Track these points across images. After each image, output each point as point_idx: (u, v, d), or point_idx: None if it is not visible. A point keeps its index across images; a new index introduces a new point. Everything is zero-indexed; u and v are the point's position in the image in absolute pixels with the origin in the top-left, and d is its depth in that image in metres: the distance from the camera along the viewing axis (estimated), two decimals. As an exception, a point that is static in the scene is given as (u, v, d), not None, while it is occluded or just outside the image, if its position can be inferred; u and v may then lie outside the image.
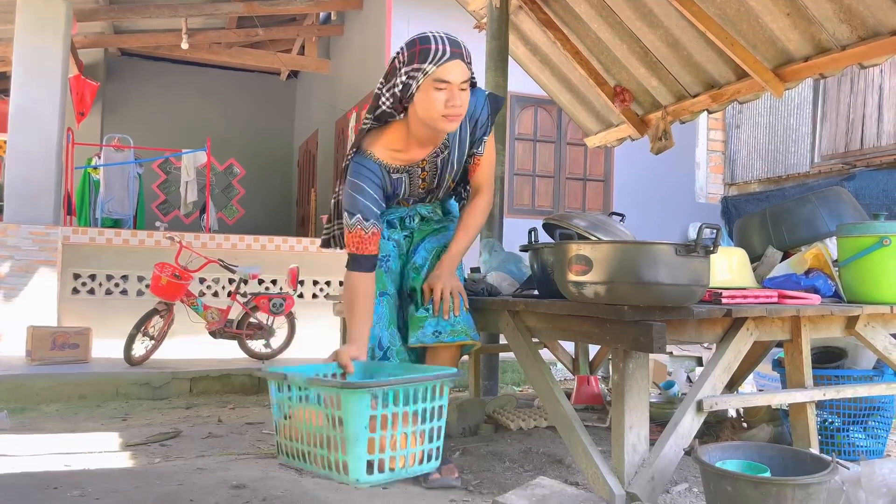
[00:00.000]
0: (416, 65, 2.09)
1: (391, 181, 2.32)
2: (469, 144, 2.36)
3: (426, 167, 2.35)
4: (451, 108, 2.12)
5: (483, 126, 2.34)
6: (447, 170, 2.38)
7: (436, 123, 2.15)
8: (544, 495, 1.45)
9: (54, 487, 2.23)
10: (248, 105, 12.04)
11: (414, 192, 2.42)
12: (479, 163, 2.40)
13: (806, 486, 1.57)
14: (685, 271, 1.78)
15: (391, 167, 2.30)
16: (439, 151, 2.33)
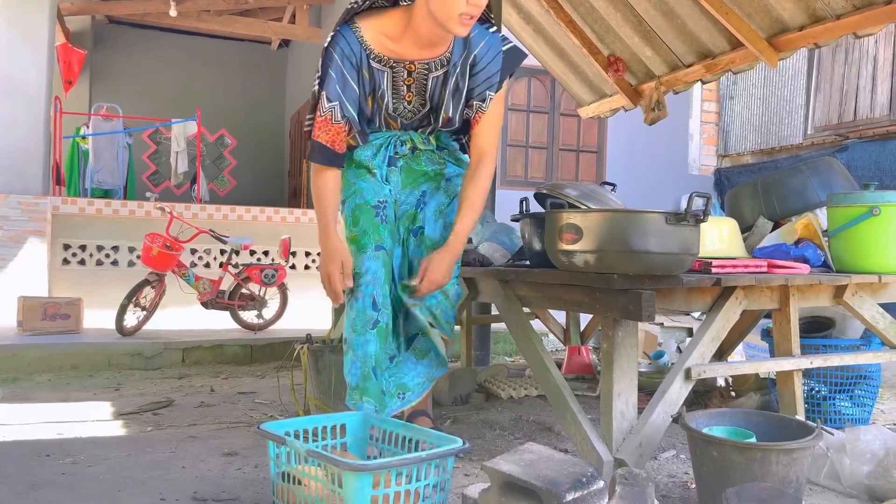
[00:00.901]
0: None
1: (371, 70, 2.04)
2: (466, 87, 2.09)
3: (414, 74, 2.06)
4: (473, 7, 1.86)
5: (490, 79, 2.08)
6: (439, 96, 2.10)
7: (448, 22, 1.89)
8: (532, 460, 1.46)
9: (46, 455, 2.24)
10: (239, 75, 11.89)
11: (399, 106, 2.12)
12: (481, 120, 2.13)
13: (790, 451, 1.59)
14: (675, 240, 1.78)
15: (375, 53, 2.02)
16: (433, 66, 2.05)
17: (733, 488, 1.30)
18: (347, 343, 2.10)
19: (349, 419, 1.89)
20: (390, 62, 2.03)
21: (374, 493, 1.45)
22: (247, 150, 10.86)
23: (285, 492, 1.62)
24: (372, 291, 2.06)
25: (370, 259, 2.09)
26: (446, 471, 1.58)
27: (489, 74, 2.08)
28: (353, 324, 2.07)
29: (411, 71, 2.05)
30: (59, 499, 1.82)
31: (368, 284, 2.06)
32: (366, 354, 2.07)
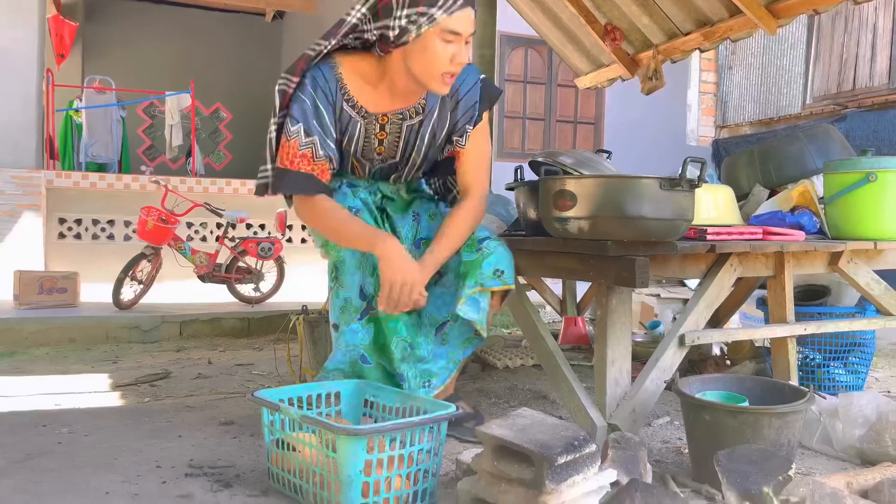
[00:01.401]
0: (423, 8, 1.74)
1: (346, 117, 1.93)
2: (446, 129, 2.01)
3: (387, 127, 1.96)
4: (457, 66, 1.80)
5: (468, 112, 1.99)
6: (415, 144, 2.00)
7: (429, 81, 1.82)
8: (525, 425, 1.47)
9: (43, 425, 2.25)
10: (233, 47, 11.77)
11: (367, 154, 2.02)
12: (462, 156, 2.01)
13: (783, 414, 1.60)
14: (669, 205, 1.77)
15: (350, 97, 1.91)
16: (408, 115, 1.96)
17: (724, 450, 1.31)
18: (338, 329, 1.99)
19: (343, 387, 1.88)
20: (363, 111, 1.93)
21: (367, 458, 1.45)
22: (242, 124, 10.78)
23: (280, 458, 1.63)
24: (359, 281, 1.92)
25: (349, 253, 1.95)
26: (439, 436, 1.58)
27: (468, 106, 1.99)
28: (342, 312, 1.96)
29: (384, 124, 1.96)
30: (55, 466, 1.83)
31: (353, 273, 1.92)
32: (353, 343, 1.97)
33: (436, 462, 1.58)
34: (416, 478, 1.54)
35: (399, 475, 1.51)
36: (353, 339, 1.96)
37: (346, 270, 1.93)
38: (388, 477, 1.49)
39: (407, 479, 1.52)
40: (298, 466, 1.56)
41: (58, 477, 1.75)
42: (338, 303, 1.97)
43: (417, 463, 1.54)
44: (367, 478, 1.46)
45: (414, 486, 1.54)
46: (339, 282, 1.95)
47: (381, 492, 1.48)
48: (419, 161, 2.05)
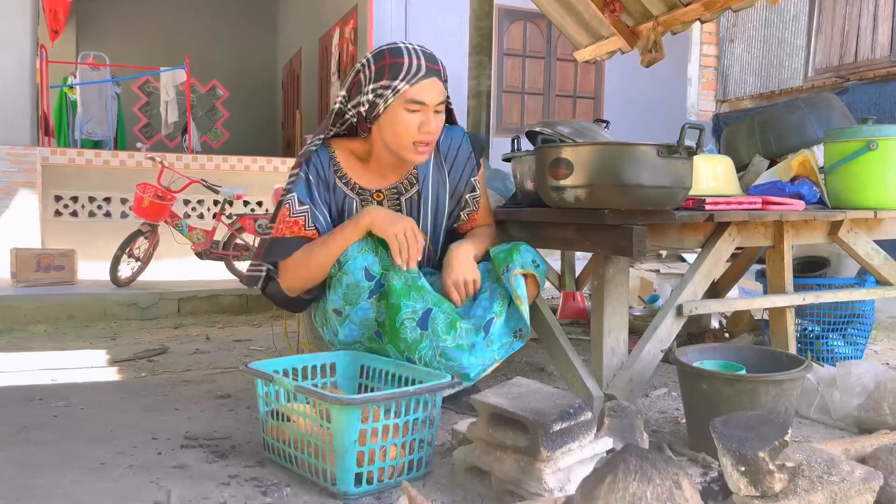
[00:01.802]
0: (386, 81, 1.81)
1: (339, 194, 1.94)
2: (448, 193, 2.03)
3: (384, 203, 1.98)
4: (425, 135, 1.84)
5: (467, 165, 2.04)
6: (419, 218, 2.01)
7: (403, 152, 1.87)
8: (521, 393, 1.46)
9: (39, 399, 2.25)
10: (230, 24, 11.66)
11: None
12: (476, 219, 2.08)
13: (780, 382, 1.59)
14: (667, 173, 1.75)
15: (343, 173, 1.95)
16: (402, 188, 1.99)
17: (721, 417, 1.30)
18: (342, 314, 1.89)
19: (338, 358, 1.87)
20: (357, 188, 1.96)
21: (362, 427, 1.44)
22: (239, 101, 10.72)
23: (275, 429, 1.62)
24: (363, 264, 1.84)
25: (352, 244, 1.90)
26: (435, 406, 1.57)
27: (464, 161, 2.05)
28: (345, 297, 1.86)
29: (381, 202, 1.98)
30: (51, 439, 1.83)
31: (355, 258, 1.84)
32: (367, 319, 1.88)
33: (431, 431, 1.57)
34: (411, 447, 1.54)
35: (394, 444, 1.50)
36: (367, 315, 1.88)
37: (348, 258, 1.86)
38: (384, 446, 1.48)
39: (402, 448, 1.52)
40: (293, 437, 1.56)
41: (53, 449, 1.75)
42: (340, 290, 1.87)
43: (413, 432, 1.53)
44: (362, 447, 1.45)
45: (410, 455, 1.53)
46: (343, 270, 1.86)
47: (376, 461, 1.48)
48: (428, 240, 2.04)
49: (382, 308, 1.86)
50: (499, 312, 1.91)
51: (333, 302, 1.89)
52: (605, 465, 1.09)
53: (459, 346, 1.85)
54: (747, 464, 1.17)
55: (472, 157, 2.08)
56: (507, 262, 1.94)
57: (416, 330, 1.84)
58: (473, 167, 2.08)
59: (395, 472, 1.51)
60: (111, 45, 9.51)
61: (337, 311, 1.89)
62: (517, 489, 1.37)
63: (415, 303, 1.84)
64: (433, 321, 1.84)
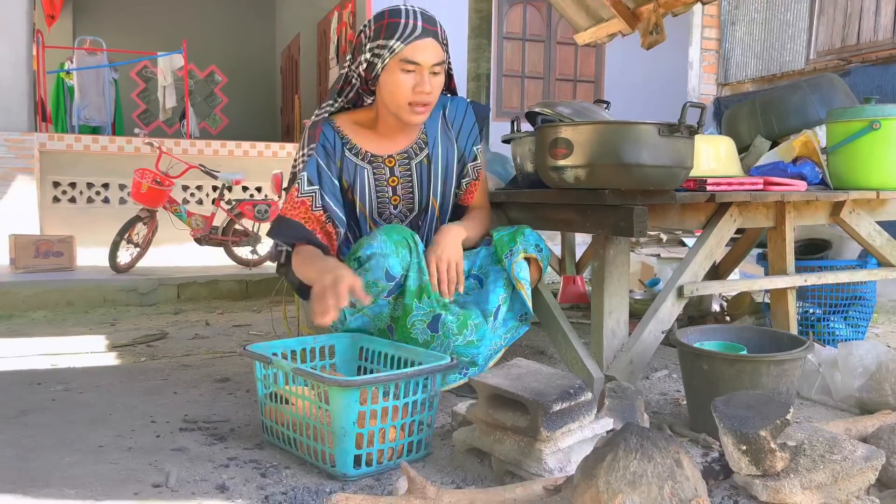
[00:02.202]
0: (382, 41, 1.82)
1: (350, 166, 1.93)
2: (455, 157, 2.03)
3: (395, 169, 1.97)
4: (420, 95, 1.83)
5: (471, 134, 2.05)
6: (429, 184, 1.99)
7: (400, 112, 1.87)
8: (520, 374, 1.45)
9: (38, 383, 2.24)
10: (227, 9, 11.58)
11: (384, 209, 1.99)
12: (475, 190, 2.08)
13: (781, 362, 1.58)
14: (668, 152, 1.73)
15: (351, 143, 1.94)
16: (412, 152, 1.98)
17: (722, 397, 1.29)
18: (355, 307, 1.84)
19: (338, 340, 1.86)
20: (368, 156, 1.95)
21: (360, 409, 1.43)
22: (238, 87, 10.67)
23: (273, 411, 1.61)
24: (384, 264, 1.79)
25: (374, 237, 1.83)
26: (434, 388, 1.56)
27: (469, 129, 2.07)
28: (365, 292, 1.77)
29: (392, 167, 1.97)
30: (50, 422, 1.82)
31: (377, 257, 1.79)
32: (381, 314, 1.86)
33: (431, 413, 1.56)
34: (410, 428, 1.52)
35: (393, 426, 1.49)
36: (381, 311, 1.86)
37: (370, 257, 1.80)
38: (383, 428, 1.47)
39: (401, 430, 1.51)
40: (292, 419, 1.55)
41: (51, 432, 1.74)
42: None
43: (412, 414, 1.52)
44: (361, 429, 1.44)
45: (409, 437, 1.52)
46: (364, 267, 1.80)
47: (375, 443, 1.47)
48: (437, 205, 2.02)
49: (398, 305, 1.86)
50: (504, 299, 1.91)
51: None
52: (605, 444, 1.09)
53: (470, 343, 1.85)
54: (749, 443, 1.17)
55: (476, 126, 2.09)
56: (510, 245, 1.93)
57: (427, 332, 1.83)
58: (477, 136, 2.09)
59: (395, 454, 1.50)
60: (108, 30, 9.44)
61: (352, 303, 1.82)
62: (517, 470, 1.36)
63: (426, 306, 1.84)
64: (444, 325, 1.83)
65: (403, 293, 1.84)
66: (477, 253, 2.01)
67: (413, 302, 1.84)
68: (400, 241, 1.82)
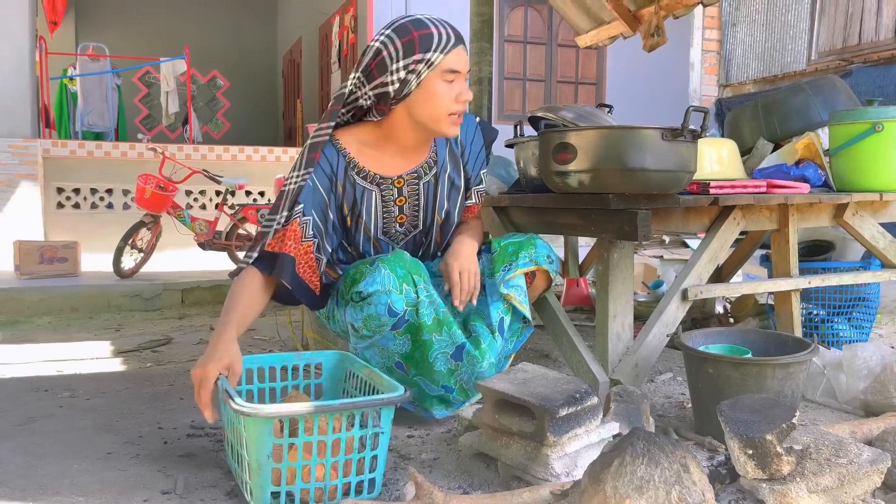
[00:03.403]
0: (419, 55, 1.71)
1: (356, 188, 1.83)
2: (462, 179, 1.98)
3: (404, 189, 1.88)
4: (462, 104, 1.77)
5: (479, 157, 2.00)
6: (435, 203, 1.93)
7: (440, 125, 1.77)
8: (526, 379, 1.45)
9: (45, 390, 2.25)
10: (229, 14, 11.61)
11: (389, 229, 1.91)
12: (475, 210, 2.04)
13: (786, 365, 1.58)
14: (672, 157, 1.74)
15: (359, 166, 1.83)
16: (422, 172, 1.90)
17: (727, 400, 1.30)
18: (358, 333, 1.76)
19: (325, 358, 1.73)
20: (376, 178, 1.85)
21: (276, 442, 1.29)
22: (240, 91, 10.69)
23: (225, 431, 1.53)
24: (386, 301, 1.69)
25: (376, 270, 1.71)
26: (378, 425, 1.36)
27: (477, 151, 2.00)
28: (365, 322, 1.73)
29: (401, 188, 1.88)
30: (57, 429, 1.83)
31: (379, 294, 1.69)
32: (387, 348, 1.77)
33: (374, 452, 1.38)
34: (347, 468, 1.35)
35: (321, 464, 1.33)
36: (387, 345, 1.77)
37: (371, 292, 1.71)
38: (307, 465, 1.32)
39: (334, 470, 1.34)
40: (229, 443, 1.46)
41: (59, 439, 1.75)
42: (360, 315, 1.73)
43: (347, 452, 1.34)
44: (278, 464, 1.30)
45: (345, 478, 1.35)
46: (366, 301, 1.71)
47: (297, 480, 1.32)
48: (441, 222, 1.97)
49: (405, 341, 1.76)
50: (504, 310, 1.87)
51: (352, 318, 1.76)
52: (612, 449, 1.09)
53: (492, 365, 1.80)
54: (755, 447, 1.17)
55: (484, 150, 2.03)
56: (511, 258, 1.86)
57: (451, 361, 1.77)
58: (484, 160, 2.03)
59: (326, 495, 1.34)
60: (110, 36, 9.47)
61: (353, 326, 1.77)
62: (524, 475, 1.37)
63: (446, 338, 1.76)
64: (467, 355, 1.77)
65: (419, 330, 1.74)
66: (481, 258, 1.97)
67: (432, 336, 1.75)
68: (404, 277, 1.72)
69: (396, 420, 1.48)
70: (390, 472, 1.51)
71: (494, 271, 1.87)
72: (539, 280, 1.94)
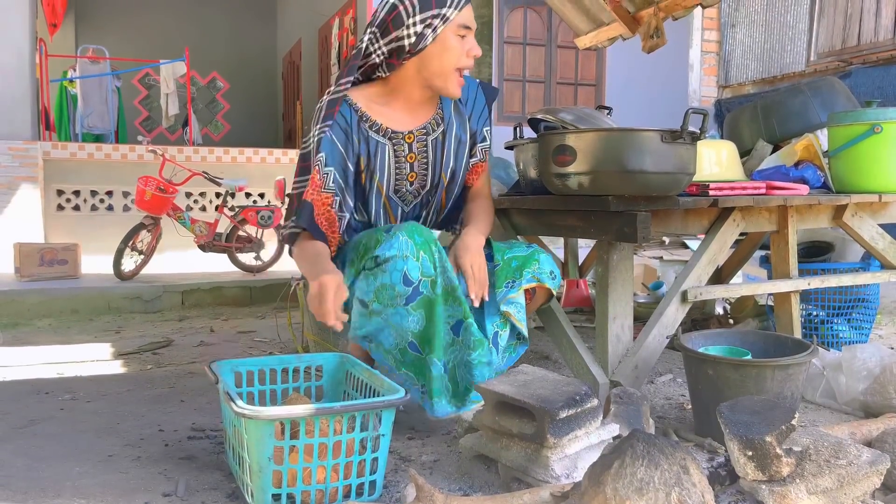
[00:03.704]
0: (435, 10, 1.77)
1: (369, 142, 1.86)
2: (468, 135, 2.00)
3: (414, 145, 1.91)
4: (471, 59, 1.84)
5: (482, 115, 2.04)
6: (442, 160, 1.94)
7: (448, 79, 1.82)
8: (526, 380, 1.46)
9: (46, 392, 2.26)
10: (228, 16, 11.62)
11: (400, 187, 1.92)
12: (480, 171, 2.06)
13: (785, 366, 1.58)
14: (671, 159, 1.74)
15: (371, 119, 1.86)
16: (430, 128, 1.93)
17: (727, 402, 1.30)
18: (367, 308, 1.74)
19: (325, 360, 1.73)
20: (388, 132, 1.88)
21: (277, 444, 1.30)
22: (240, 93, 10.70)
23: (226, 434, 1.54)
24: (402, 267, 1.68)
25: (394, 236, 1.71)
26: (379, 427, 1.38)
27: (480, 109, 2.04)
28: (377, 294, 1.72)
29: (411, 143, 1.91)
30: (58, 432, 1.83)
31: (395, 259, 1.69)
32: (401, 326, 1.73)
33: (375, 455, 1.39)
34: (347, 470, 1.36)
35: (322, 466, 1.33)
36: (400, 322, 1.72)
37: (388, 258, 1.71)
38: (308, 467, 1.33)
39: (334, 472, 1.35)
40: (230, 445, 1.47)
41: (60, 441, 1.76)
42: (373, 284, 1.72)
43: (348, 455, 1.35)
44: (279, 466, 1.31)
45: (346, 480, 1.36)
46: (380, 267, 1.71)
47: (298, 482, 1.33)
48: (447, 182, 1.98)
49: (419, 318, 1.72)
50: (499, 325, 1.86)
51: (361, 292, 1.75)
52: (612, 451, 1.10)
53: (481, 363, 1.77)
54: (754, 448, 1.17)
55: (486, 108, 2.06)
56: (514, 275, 1.85)
57: (451, 334, 1.76)
58: (487, 117, 2.07)
59: (327, 498, 1.35)
60: (110, 38, 9.48)
61: (363, 301, 1.75)
62: (524, 476, 1.37)
63: (451, 308, 1.75)
64: (465, 331, 1.76)
65: (432, 304, 1.71)
66: None
67: (442, 306, 1.73)
68: (423, 245, 1.71)
69: (397, 422, 1.49)
70: (391, 474, 1.51)
71: (497, 286, 1.86)
72: (539, 295, 1.94)
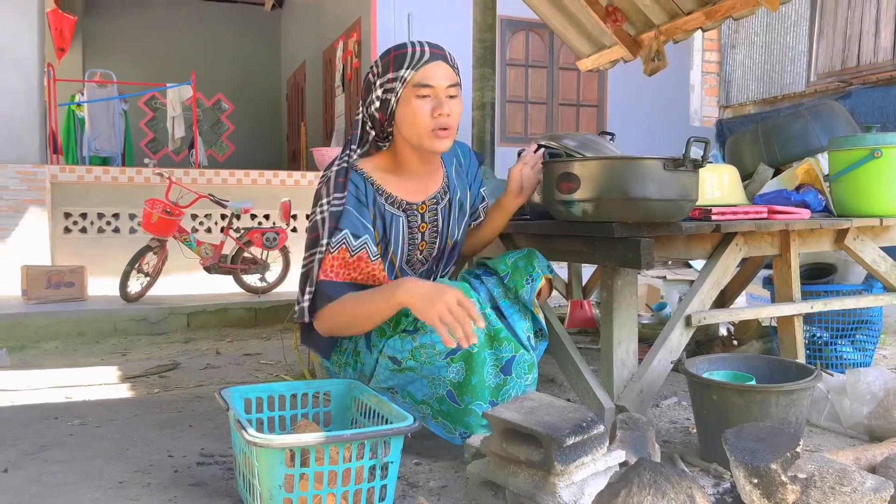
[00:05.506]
0: (392, 73, 1.75)
1: (385, 216, 1.83)
2: (469, 201, 2.03)
3: (426, 216, 1.90)
4: (440, 119, 1.74)
5: (475, 179, 2.07)
6: (449, 227, 1.95)
7: (423, 141, 1.76)
8: (533, 407, 1.47)
9: (55, 417, 2.27)
10: (233, 38, 11.76)
11: (411, 257, 1.91)
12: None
13: (790, 392, 1.60)
14: (673, 186, 1.77)
15: (386, 192, 1.83)
16: (439, 197, 1.92)
17: (732, 428, 1.31)
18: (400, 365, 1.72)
19: (333, 386, 1.75)
20: (403, 204, 1.86)
21: (288, 472, 1.31)
22: (244, 114, 10.79)
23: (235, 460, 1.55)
24: None
25: None
26: (388, 454, 1.39)
27: (475, 173, 2.09)
28: (414, 353, 1.70)
29: (423, 213, 1.90)
30: (69, 457, 1.85)
31: None
32: (438, 376, 1.69)
33: (383, 482, 1.40)
34: (357, 497, 1.37)
35: (332, 493, 1.35)
36: (438, 373, 1.70)
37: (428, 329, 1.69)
38: (318, 495, 1.34)
39: (344, 499, 1.37)
40: (240, 472, 1.48)
41: (71, 468, 1.77)
42: (409, 343, 1.71)
43: (357, 482, 1.37)
44: (289, 494, 1.32)
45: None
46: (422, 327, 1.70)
47: None
48: (451, 247, 2.00)
49: (459, 369, 1.68)
50: (528, 328, 1.90)
51: (394, 350, 1.72)
52: (619, 480, 1.11)
53: (535, 380, 1.81)
54: (760, 476, 1.19)
55: (480, 171, 2.14)
56: (528, 270, 1.90)
57: (500, 376, 1.74)
58: (481, 180, 2.13)
59: None
60: (117, 62, 9.60)
61: (395, 359, 1.72)
62: (531, 503, 1.38)
63: (497, 351, 1.74)
64: (517, 366, 1.75)
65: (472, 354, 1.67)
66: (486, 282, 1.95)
67: (483, 353, 1.70)
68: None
69: (404, 448, 1.50)
70: (399, 501, 1.52)
71: (518, 287, 1.90)
72: (544, 289, 1.98)
